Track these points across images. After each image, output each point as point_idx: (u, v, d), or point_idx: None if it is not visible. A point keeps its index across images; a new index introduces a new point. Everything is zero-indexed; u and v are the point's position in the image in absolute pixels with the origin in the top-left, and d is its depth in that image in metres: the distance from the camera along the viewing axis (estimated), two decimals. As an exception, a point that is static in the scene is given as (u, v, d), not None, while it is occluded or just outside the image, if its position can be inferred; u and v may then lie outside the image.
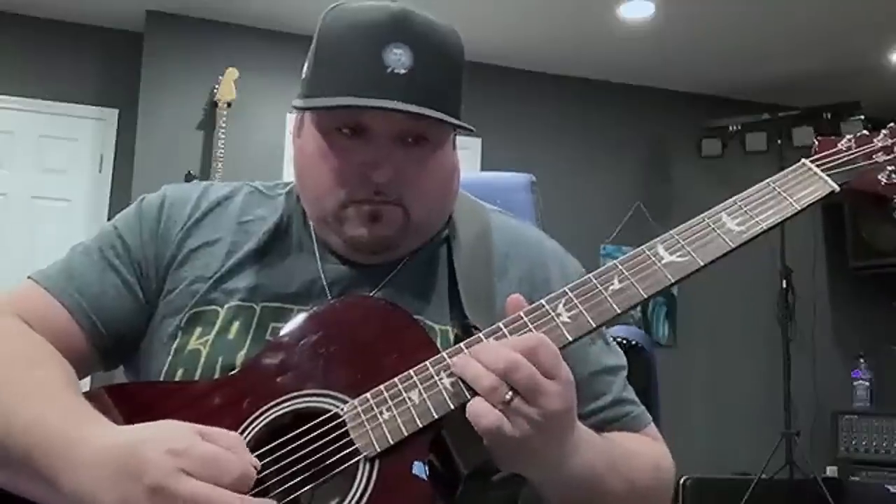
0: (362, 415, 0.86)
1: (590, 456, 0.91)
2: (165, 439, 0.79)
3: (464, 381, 0.85)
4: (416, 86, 0.96)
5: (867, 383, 5.28)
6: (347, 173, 1.01)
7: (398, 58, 0.96)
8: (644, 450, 1.04)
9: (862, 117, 4.63)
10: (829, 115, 4.84)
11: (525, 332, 0.88)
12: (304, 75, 1.05)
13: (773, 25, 4.65)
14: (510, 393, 0.81)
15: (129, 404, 0.93)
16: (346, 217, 1.02)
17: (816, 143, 1.00)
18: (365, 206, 1.01)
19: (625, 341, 1.38)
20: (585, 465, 0.90)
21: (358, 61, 0.97)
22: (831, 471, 5.10)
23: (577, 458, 0.89)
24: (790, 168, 0.98)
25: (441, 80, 1.00)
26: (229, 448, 0.80)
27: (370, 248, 1.04)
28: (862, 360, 5.33)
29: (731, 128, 5.16)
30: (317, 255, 1.08)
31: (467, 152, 4.96)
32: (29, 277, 1.06)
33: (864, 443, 4.90)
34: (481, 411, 0.81)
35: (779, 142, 5.00)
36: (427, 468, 0.85)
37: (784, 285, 4.94)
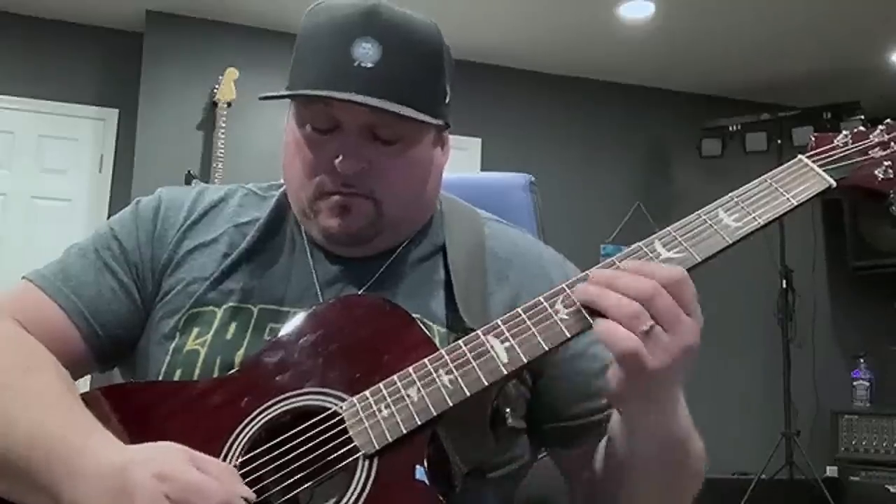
0: (361, 412, 0.86)
1: (686, 417, 0.92)
2: (159, 462, 0.80)
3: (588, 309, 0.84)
4: (382, 79, 0.97)
5: (867, 383, 5.27)
6: (318, 165, 1.02)
7: (366, 52, 0.97)
8: None
9: (862, 117, 4.63)
10: (829, 115, 4.83)
11: (524, 328, 0.88)
12: None
13: (773, 25, 4.65)
14: (651, 322, 0.81)
15: (129, 406, 0.94)
16: (319, 209, 1.03)
17: (813, 139, 1.00)
18: (334, 197, 1.02)
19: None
20: (685, 424, 0.91)
21: (327, 55, 0.98)
22: (831, 471, 5.09)
23: (679, 413, 0.90)
24: (787, 164, 0.98)
25: (411, 75, 1.00)
26: (218, 478, 0.80)
27: (341, 240, 1.05)
28: (862, 360, 5.32)
29: (731, 128, 5.16)
30: (308, 252, 1.09)
31: (467, 152, 4.95)
32: (24, 278, 1.06)
33: (864, 443, 4.90)
34: (621, 335, 0.81)
35: (779, 142, 5.00)
36: (426, 466, 0.85)
37: (784, 285, 4.93)
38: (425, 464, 0.85)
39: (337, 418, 0.87)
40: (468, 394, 0.85)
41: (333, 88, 0.96)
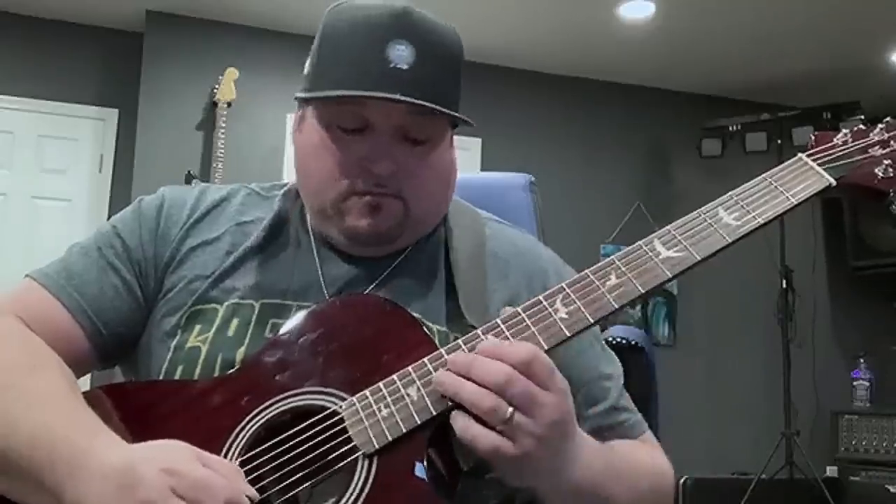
0: (361, 412, 0.86)
1: (592, 463, 0.91)
2: (163, 459, 0.80)
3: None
4: (418, 80, 0.98)
5: (867, 383, 5.27)
6: (349, 166, 1.02)
7: (401, 53, 0.98)
8: (644, 457, 1.05)
9: (861, 117, 4.63)
10: (828, 115, 4.83)
11: (523, 328, 0.89)
12: (306, 71, 1.06)
13: (772, 25, 4.65)
14: (510, 410, 0.81)
15: (129, 405, 0.94)
16: (347, 208, 1.03)
17: (813, 137, 1.01)
18: (366, 197, 1.02)
19: (624, 341, 1.39)
20: (587, 472, 0.91)
21: (361, 56, 0.99)
22: (831, 471, 5.09)
23: (579, 465, 0.89)
24: (787, 163, 0.98)
25: (442, 76, 1.02)
26: (225, 476, 0.80)
27: (369, 240, 1.05)
28: (862, 360, 5.32)
29: (731, 128, 5.16)
30: (314, 251, 1.09)
31: (467, 153, 4.96)
32: (27, 276, 1.06)
33: (864, 443, 4.90)
34: (478, 433, 0.82)
35: (779, 142, 5.00)
36: (426, 465, 0.85)
37: (784, 285, 4.93)
38: (425, 462, 0.85)
39: (336, 417, 0.87)
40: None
41: (371, 89, 0.97)
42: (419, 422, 0.85)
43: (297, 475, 0.86)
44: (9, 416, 0.87)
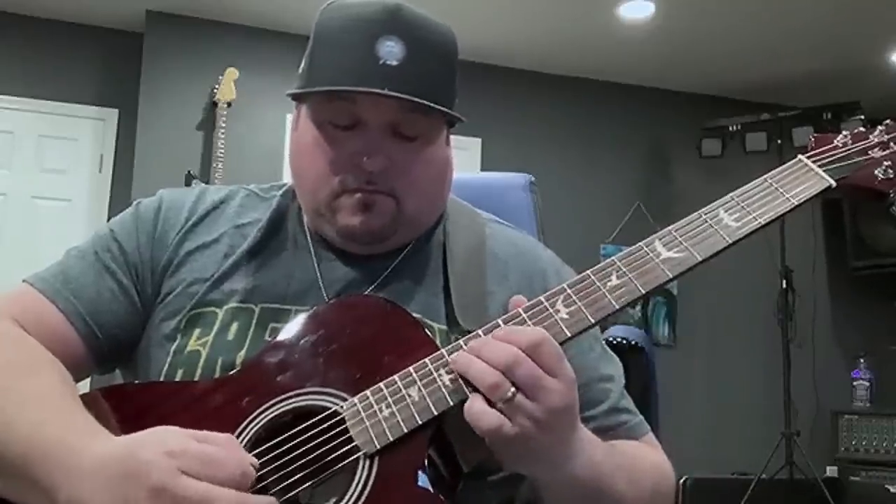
0: (362, 412, 0.86)
1: (594, 457, 0.91)
2: (162, 442, 0.80)
3: (465, 379, 0.84)
4: (408, 76, 0.98)
5: (867, 383, 5.27)
6: (340, 163, 1.02)
7: (390, 49, 0.98)
8: (646, 456, 1.05)
9: (862, 117, 4.63)
10: (829, 115, 4.84)
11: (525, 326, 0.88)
12: (300, 69, 1.06)
13: (773, 25, 4.66)
14: (512, 390, 0.81)
15: (129, 406, 0.94)
16: (339, 206, 1.03)
17: (812, 139, 1.01)
18: (357, 194, 1.02)
19: (625, 341, 1.39)
20: (590, 465, 0.90)
21: (351, 53, 0.99)
22: (831, 471, 5.10)
23: (582, 458, 0.89)
24: (787, 164, 0.98)
25: (433, 73, 1.02)
26: (224, 447, 0.81)
27: (362, 238, 1.05)
28: (862, 360, 5.32)
29: (731, 128, 5.16)
30: (312, 251, 1.09)
31: (467, 153, 4.96)
32: (24, 281, 1.06)
33: (864, 443, 4.90)
34: (479, 411, 0.81)
35: (779, 142, 5.00)
36: (427, 466, 0.85)
37: (784, 285, 4.93)
38: (425, 463, 0.85)
39: (338, 418, 0.87)
40: (469, 393, 0.85)
41: (359, 85, 0.97)
42: (420, 422, 0.85)
43: (299, 475, 0.86)
44: (5, 416, 0.87)
